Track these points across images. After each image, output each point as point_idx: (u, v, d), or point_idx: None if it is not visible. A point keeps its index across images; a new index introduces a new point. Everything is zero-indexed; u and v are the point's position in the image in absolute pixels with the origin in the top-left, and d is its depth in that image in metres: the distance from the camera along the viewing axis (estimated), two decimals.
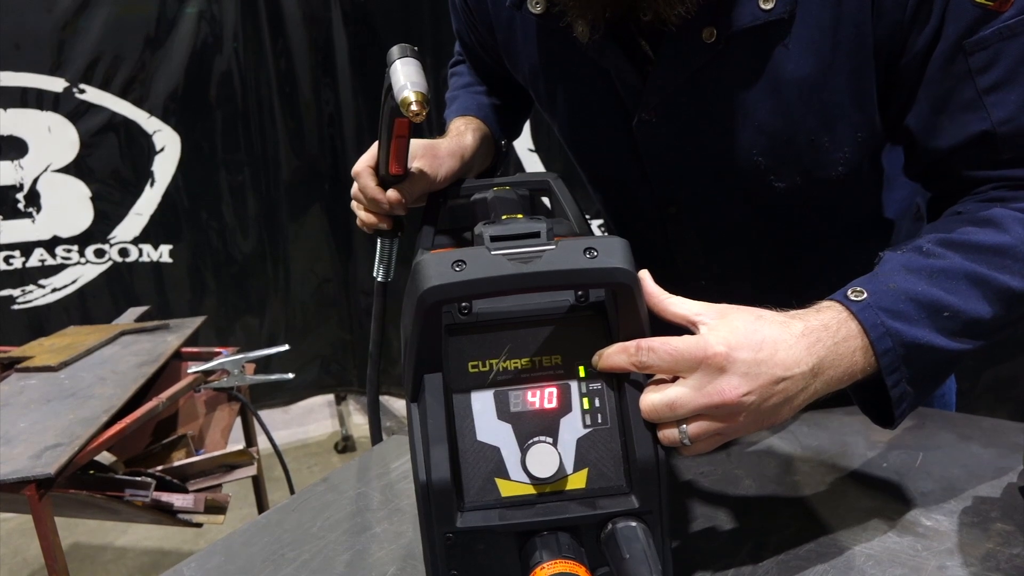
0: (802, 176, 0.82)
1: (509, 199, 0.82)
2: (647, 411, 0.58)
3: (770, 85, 0.76)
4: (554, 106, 0.91)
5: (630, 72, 0.81)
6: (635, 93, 0.82)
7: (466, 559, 0.59)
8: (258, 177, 2.88)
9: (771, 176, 0.82)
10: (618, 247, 0.55)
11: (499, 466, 0.59)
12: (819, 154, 0.79)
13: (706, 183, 0.85)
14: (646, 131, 0.83)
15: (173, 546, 2.49)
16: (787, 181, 0.82)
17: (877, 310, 0.63)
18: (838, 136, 0.78)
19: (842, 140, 0.78)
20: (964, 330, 0.66)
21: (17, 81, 2.60)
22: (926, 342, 0.64)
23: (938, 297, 0.65)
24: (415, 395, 0.60)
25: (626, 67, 0.80)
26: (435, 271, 0.55)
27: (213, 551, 0.79)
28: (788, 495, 0.79)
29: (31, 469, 1.31)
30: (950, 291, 0.65)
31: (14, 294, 2.78)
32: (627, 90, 0.82)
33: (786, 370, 0.59)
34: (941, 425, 0.90)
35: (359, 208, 0.88)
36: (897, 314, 0.64)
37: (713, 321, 0.59)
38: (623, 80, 0.82)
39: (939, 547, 0.69)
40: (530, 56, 0.90)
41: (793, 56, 0.75)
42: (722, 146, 0.81)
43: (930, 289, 0.65)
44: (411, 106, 0.68)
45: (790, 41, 0.74)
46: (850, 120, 0.77)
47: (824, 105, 0.76)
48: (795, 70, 0.75)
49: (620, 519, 0.57)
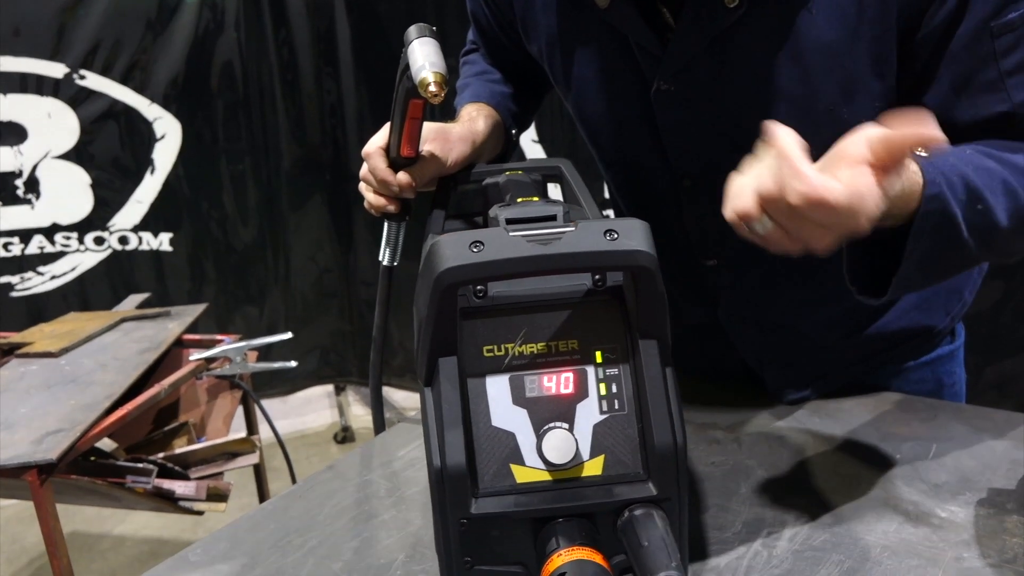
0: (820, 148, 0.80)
1: (524, 182, 0.81)
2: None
3: (792, 51, 0.75)
4: (569, 79, 0.90)
5: (650, 38, 0.79)
6: (654, 61, 0.81)
7: (480, 545, 0.58)
8: (259, 166, 2.86)
9: None
10: (639, 229, 0.54)
11: (514, 452, 0.58)
12: (838, 124, 0.78)
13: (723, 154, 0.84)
14: (664, 101, 0.82)
15: (171, 535, 2.48)
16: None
17: (938, 171, 0.64)
18: (857, 105, 0.77)
19: (861, 110, 0.77)
20: (982, 231, 0.67)
21: (17, 66, 2.58)
22: (957, 223, 0.65)
23: (979, 187, 0.66)
24: (429, 379, 0.59)
25: (646, 33, 0.79)
26: (452, 252, 0.53)
27: (219, 537, 0.78)
28: (801, 485, 0.78)
29: (32, 454, 1.30)
30: (987, 188, 0.66)
31: (13, 281, 2.76)
32: (646, 58, 0.81)
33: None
34: (953, 417, 0.90)
35: (367, 190, 0.87)
36: (950, 183, 0.65)
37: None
38: (642, 47, 0.81)
39: (955, 538, 0.68)
40: (548, 26, 0.89)
41: (817, 21, 0.74)
42: (741, 115, 0.80)
43: (975, 178, 0.66)
44: (430, 87, 0.66)
45: (814, 6, 0.73)
46: (869, 89, 0.76)
47: (846, 73, 0.76)
48: (819, 36, 0.74)
49: (638, 506, 0.56)
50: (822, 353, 0.95)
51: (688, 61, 0.79)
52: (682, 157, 0.86)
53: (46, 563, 2.37)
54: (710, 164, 0.85)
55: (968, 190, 0.65)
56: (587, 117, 0.92)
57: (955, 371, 1.01)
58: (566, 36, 0.88)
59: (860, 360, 0.96)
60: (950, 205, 0.64)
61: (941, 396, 0.98)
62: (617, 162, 0.95)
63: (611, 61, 0.85)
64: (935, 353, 0.98)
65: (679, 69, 0.80)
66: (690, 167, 0.86)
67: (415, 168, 0.83)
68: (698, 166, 0.86)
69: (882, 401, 0.94)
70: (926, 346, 0.97)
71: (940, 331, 0.97)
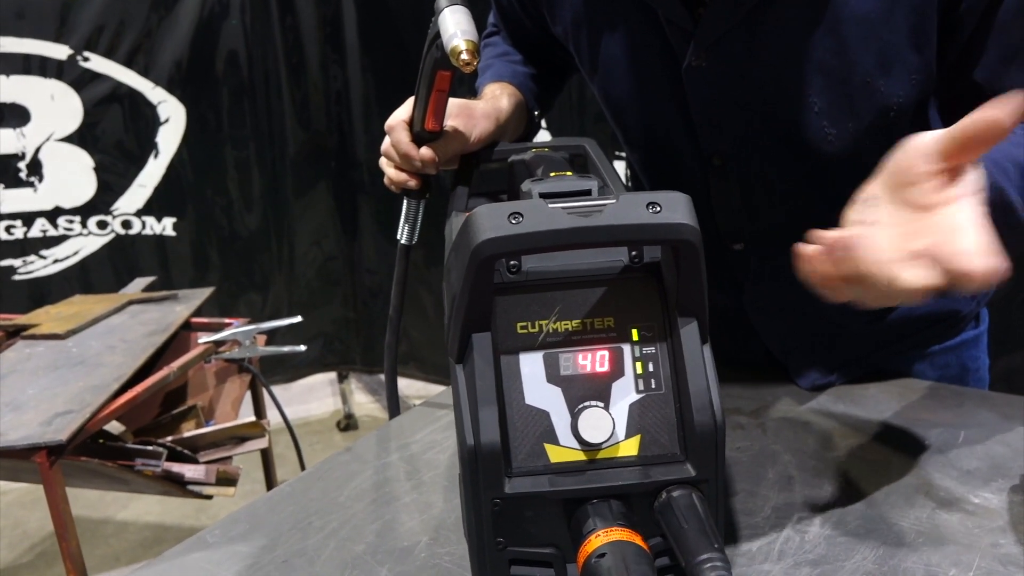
0: (854, 121, 0.79)
1: (554, 158, 0.79)
2: None
3: (829, 22, 0.74)
4: (596, 58, 0.88)
5: (681, 13, 0.78)
6: (685, 36, 0.79)
7: (513, 526, 0.57)
8: (264, 152, 2.84)
9: (824, 121, 0.79)
10: (682, 202, 0.53)
11: (548, 431, 0.56)
12: (873, 97, 0.77)
13: (755, 132, 0.83)
14: (695, 77, 0.81)
15: (174, 520, 2.48)
16: (838, 127, 0.79)
17: (988, 161, 0.62)
18: (894, 78, 0.76)
19: (897, 83, 0.76)
20: None
21: (20, 47, 2.55)
22: (1011, 200, 0.64)
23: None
24: (461, 356, 0.57)
25: (677, 7, 0.77)
26: (490, 223, 0.52)
27: (237, 518, 0.77)
28: (828, 470, 0.77)
29: (42, 436, 1.29)
30: None
31: (15, 264, 2.74)
32: (676, 33, 0.79)
33: None
34: (980, 404, 0.88)
35: (388, 165, 0.85)
36: (1002, 170, 0.63)
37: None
38: (673, 22, 0.79)
39: (991, 524, 0.67)
40: (573, 5, 0.87)
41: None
42: (775, 89, 0.79)
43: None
44: (462, 55, 0.64)
45: None
46: (906, 62, 0.75)
47: (883, 44, 0.74)
48: (857, 6, 0.73)
49: (675, 488, 0.55)
50: (847, 339, 0.93)
51: (720, 36, 0.77)
52: (712, 135, 0.84)
53: (47, 548, 2.37)
54: (742, 141, 0.84)
55: (1020, 169, 0.64)
56: (613, 98, 0.90)
57: (979, 356, 1.00)
58: (592, 14, 0.86)
59: (885, 345, 0.94)
60: (1006, 193, 0.63)
61: (965, 381, 0.97)
62: (644, 143, 0.93)
63: (639, 39, 0.83)
64: (960, 338, 0.97)
65: (711, 44, 0.78)
66: (720, 145, 0.85)
67: (438, 144, 0.81)
68: (729, 144, 0.84)
69: (906, 387, 0.93)
70: (951, 331, 0.96)
71: (965, 315, 0.96)
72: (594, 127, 2.32)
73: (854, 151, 0.80)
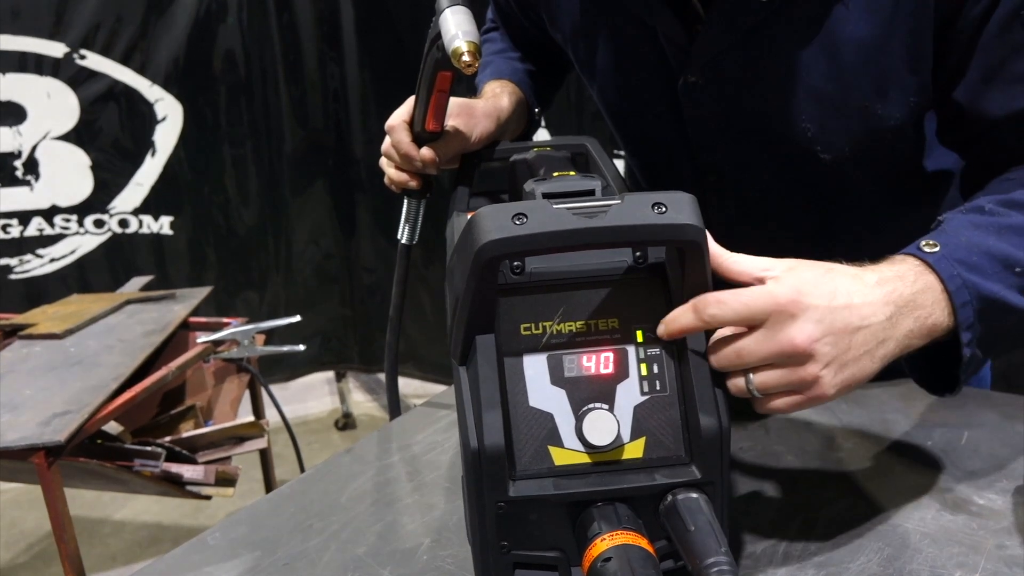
0: (850, 145, 0.79)
1: (556, 157, 0.79)
2: (715, 358, 0.55)
3: (826, 46, 0.73)
4: (594, 67, 0.87)
5: (678, 30, 0.77)
6: (682, 53, 0.78)
7: (517, 529, 0.56)
8: (261, 150, 2.83)
9: (817, 146, 0.79)
10: (687, 202, 0.53)
11: (552, 433, 0.56)
12: (870, 120, 0.77)
13: (750, 151, 0.82)
14: (691, 94, 0.80)
15: (172, 520, 2.47)
16: (833, 152, 0.79)
17: (953, 261, 0.61)
18: (891, 102, 0.75)
19: (894, 106, 0.76)
20: None
21: (16, 45, 2.54)
22: (1000, 297, 0.62)
23: (1009, 252, 0.63)
24: (465, 357, 0.57)
25: (674, 24, 0.77)
26: (494, 224, 0.51)
27: (237, 520, 0.77)
28: (833, 471, 0.77)
29: (40, 436, 1.28)
30: (1019, 247, 0.63)
31: (11, 263, 2.73)
32: (673, 50, 0.79)
33: (862, 319, 0.56)
34: (983, 404, 0.88)
35: (389, 165, 0.85)
36: (972, 267, 0.61)
37: (782, 273, 0.56)
38: (670, 39, 0.79)
39: (995, 526, 0.67)
40: (572, 13, 0.86)
41: (852, 15, 0.71)
42: (770, 111, 0.78)
43: (1000, 244, 0.63)
44: (463, 56, 0.64)
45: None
46: (904, 84, 0.74)
47: (880, 69, 0.73)
48: (854, 31, 0.72)
49: (681, 490, 0.54)
50: None
51: (717, 54, 0.77)
52: (708, 152, 0.84)
53: (44, 548, 2.36)
54: (736, 161, 0.83)
55: (996, 260, 0.62)
56: (611, 105, 0.90)
57: None
58: (590, 25, 0.86)
59: None
60: (982, 287, 0.61)
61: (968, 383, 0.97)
62: (642, 151, 0.93)
63: (637, 52, 0.83)
64: None
65: (708, 62, 0.77)
66: (716, 162, 0.84)
67: (439, 143, 0.80)
68: (724, 162, 0.84)
69: (909, 387, 0.92)
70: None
71: None
72: (592, 125, 2.31)
73: (851, 168, 0.80)
